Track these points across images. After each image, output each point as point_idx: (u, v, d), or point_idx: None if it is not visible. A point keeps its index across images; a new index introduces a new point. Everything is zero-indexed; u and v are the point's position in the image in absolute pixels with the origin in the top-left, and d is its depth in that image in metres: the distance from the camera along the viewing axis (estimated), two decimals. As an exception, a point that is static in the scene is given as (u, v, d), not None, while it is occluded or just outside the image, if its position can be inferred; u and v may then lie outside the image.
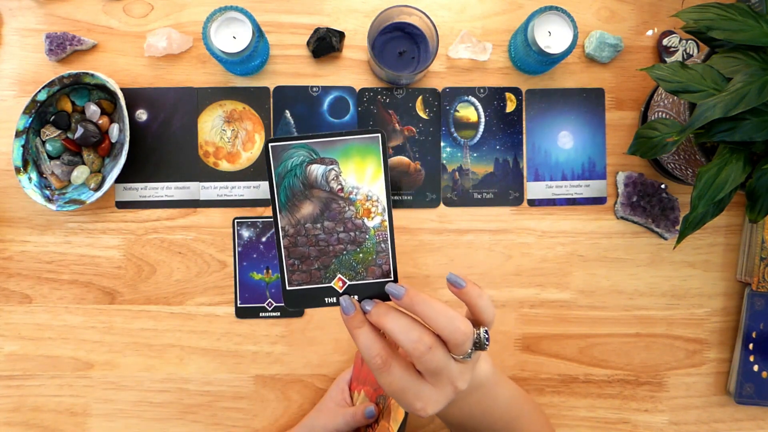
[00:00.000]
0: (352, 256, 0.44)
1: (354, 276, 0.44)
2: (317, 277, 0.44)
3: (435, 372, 0.42)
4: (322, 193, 0.43)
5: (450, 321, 0.41)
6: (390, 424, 0.61)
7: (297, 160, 0.43)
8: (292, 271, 0.44)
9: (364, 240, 0.44)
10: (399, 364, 0.43)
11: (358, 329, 0.43)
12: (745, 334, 0.74)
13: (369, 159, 0.43)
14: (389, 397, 0.65)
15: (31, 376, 0.74)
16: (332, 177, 0.43)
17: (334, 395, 0.69)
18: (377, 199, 0.44)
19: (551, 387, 0.76)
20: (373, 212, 0.44)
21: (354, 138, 0.43)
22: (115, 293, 0.74)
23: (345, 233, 0.44)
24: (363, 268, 0.44)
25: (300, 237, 0.44)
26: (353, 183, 0.43)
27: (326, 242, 0.44)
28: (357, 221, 0.44)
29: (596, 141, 0.76)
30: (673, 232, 0.75)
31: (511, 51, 0.75)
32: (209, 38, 0.67)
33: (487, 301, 0.44)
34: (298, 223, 0.44)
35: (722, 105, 0.52)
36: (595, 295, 0.76)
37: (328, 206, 0.44)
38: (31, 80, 0.74)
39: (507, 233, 0.76)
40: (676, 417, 0.76)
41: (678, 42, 0.75)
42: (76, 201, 0.71)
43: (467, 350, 0.42)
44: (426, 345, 0.41)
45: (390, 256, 0.44)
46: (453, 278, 0.43)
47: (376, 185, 0.43)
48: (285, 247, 0.44)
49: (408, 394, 0.43)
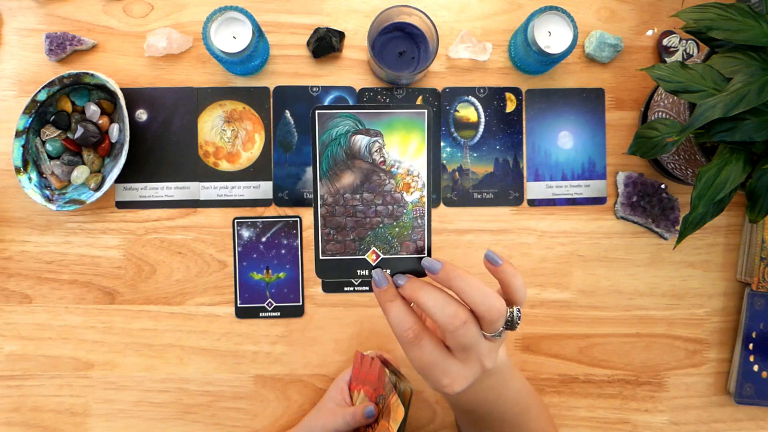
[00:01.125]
0: (388, 230, 0.44)
1: (388, 250, 0.44)
2: (351, 248, 0.44)
3: (466, 347, 0.42)
4: (364, 164, 0.43)
5: (486, 297, 0.41)
6: (390, 424, 0.61)
7: (342, 129, 0.43)
8: (327, 240, 0.44)
9: (402, 214, 0.44)
10: (430, 338, 0.43)
11: (390, 302, 0.43)
12: (745, 334, 0.74)
13: (413, 134, 0.43)
14: (389, 397, 0.65)
15: (31, 376, 0.74)
16: (376, 149, 0.43)
17: (334, 395, 0.69)
18: (418, 175, 0.43)
19: (551, 387, 0.76)
20: (412, 187, 0.44)
21: (401, 112, 0.43)
22: (115, 293, 0.74)
23: (383, 206, 0.44)
24: (398, 242, 0.44)
25: (338, 207, 0.44)
26: (396, 156, 0.43)
27: (364, 214, 0.44)
28: (396, 195, 0.44)
29: (596, 141, 0.76)
30: (673, 232, 0.75)
31: (511, 51, 0.75)
32: (209, 38, 0.67)
33: (521, 281, 0.44)
34: (337, 193, 0.43)
35: (722, 105, 0.52)
36: (595, 295, 0.76)
37: (369, 178, 0.43)
38: (31, 80, 0.74)
39: (507, 233, 0.76)
40: (676, 417, 0.76)
41: (678, 42, 0.75)
42: (76, 201, 0.71)
43: (499, 328, 0.43)
44: (461, 319, 0.41)
45: (426, 232, 0.44)
46: (491, 255, 0.43)
47: (418, 161, 0.43)
48: (322, 216, 0.43)
49: (436, 369, 0.43)
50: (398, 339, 0.43)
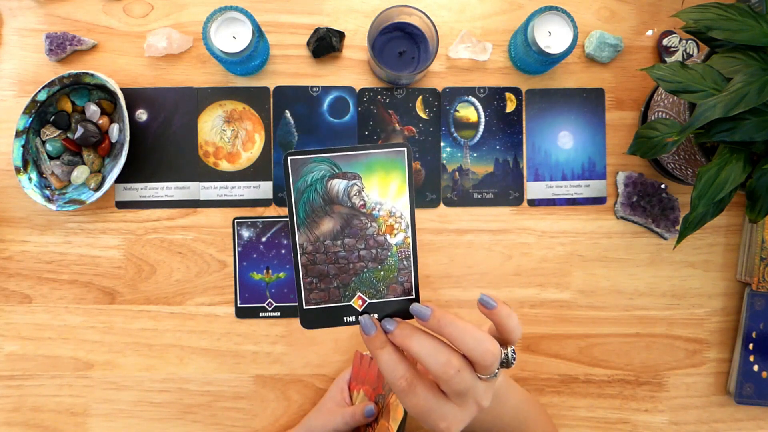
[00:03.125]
0: (373, 274, 0.43)
1: (374, 294, 0.43)
2: (336, 295, 0.42)
3: (461, 393, 0.41)
4: (343, 209, 0.42)
5: (479, 343, 0.40)
6: (389, 424, 0.61)
7: (318, 174, 0.41)
8: (310, 289, 0.42)
9: (386, 257, 0.42)
10: (423, 385, 0.42)
11: (380, 350, 0.42)
12: (745, 334, 0.74)
13: (393, 174, 0.41)
14: (388, 396, 0.65)
15: (31, 376, 0.74)
16: (354, 192, 0.42)
17: (334, 395, 0.69)
18: (401, 216, 0.42)
19: (551, 387, 0.76)
20: (396, 229, 0.42)
21: (378, 152, 0.41)
22: (115, 293, 0.74)
23: (366, 250, 0.42)
24: (384, 286, 0.43)
25: (319, 254, 0.42)
26: (376, 198, 0.42)
27: (346, 260, 0.42)
28: (379, 238, 0.42)
29: (596, 141, 0.76)
30: (673, 232, 0.75)
31: (511, 51, 0.75)
32: (209, 38, 0.67)
33: (516, 321, 0.43)
34: (317, 240, 0.42)
35: (722, 105, 0.52)
36: (595, 295, 0.76)
37: (350, 222, 0.42)
38: (31, 80, 0.74)
39: (507, 233, 0.76)
40: (676, 417, 0.76)
41: (678, 42, 0.75)
42: (76, 201, 0.71)
43: (494, 370, 0.42)
44: (455, 368, 0.40)
45: (412, 273, 0.43)
46: (485, 299, 0.43)
47: (400, 201, 0.42)
48: (303, 265, 0.42)
49: (433, 414, 0.42)
50: (392, 387, 0.42)
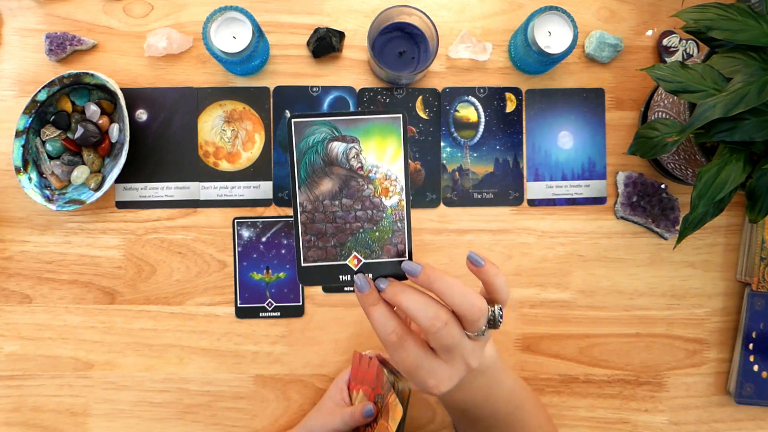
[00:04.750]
0: (369, 235, 0.44)
1: (369, 254, 0.45)
2: (333, 254, 0.44)
3: (449, 348, 0.43)
4: (341, 171, 0.44)
5: (466, 297, 0.42)
6: (388, 423, 0.61)
7: (319, 136, 0.43)
8: (308, 247, 0.44)
9: (381, 219, 0.44)
10: (413, 340, 0.43)
11: (372, 306, 0.44)
12: (745, 334, 0.74)
13: (389, 139, 0.44)
14: (387, 396, 0.65)
15: (31, 376, 0.74)
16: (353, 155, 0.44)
17: (333, 395, 0.69)
18: (395, 179, 0.44)
19: (551, 387, 0.76)
20: (391, 191, 0.44)
21: (376, 117, 0.43)
22: (115, 293, 0.74)
23: (362, 211, 0.44)
24: (378, 246, 0.45)
25: (317, 213, 0.44)
26: (373, 162, 0.44)
27: (343, 219, 0.44)
28: (375, 200, 0.44)
29: (596, 141, 0.76)
30: (673, 232, 0.75)
31: (511, 51, 0.75)
32: (209, 38, 0.67)
33: (502, 280, 0.45)
34: (316, 200, 0.44)
35: (722, 105, 0.52)
36: (595, 295, 0.76)
37: (347, 184, 0.44)
38: (31, 80, 0.74)
39: (507, 233, 0.76)
40: (676, 417, 0.76)
41: (678, 42, 0.75)
42: (76, 201, 0.71)
43: (481, 327, 0.43)
44: (442, 321, 0.42)
45: (405, 235, 0.45)
46: (473, 256, 0.44)
47: (395, 165, 0.44)
48: (302, 223, 0.44)
49: (421, 370, 0.44)
50: (382, 342, 0.44)
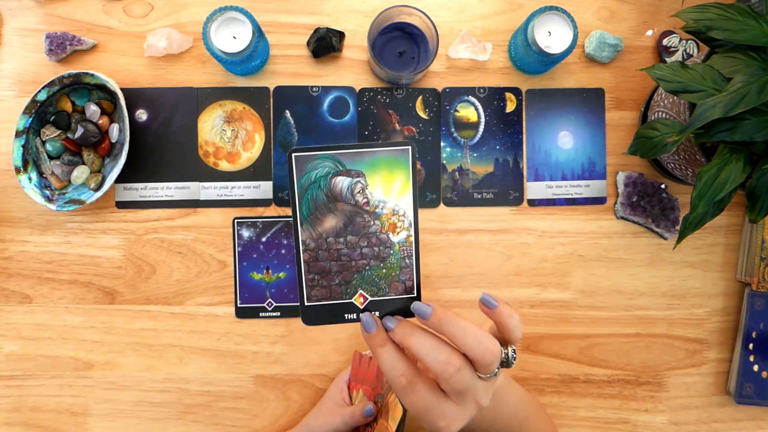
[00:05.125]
0: (375, 272, 0.43)
1: (376, 292, 0.43)
2: (338, 292, 0.43)
3: (461, 392, 0.42)
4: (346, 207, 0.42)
5: (479, 342, 0.40)
6: (388, 423, 0.61)
7: (322, 171, 0.41)
8: (312, 286, 0.42)
9: (389, 255, 0.43)
10: (423, 383, 0.42)
11: (380, 348, 0.42)
12: (745, 334, 0.74)
13: (397, 172, 0.42)
14: (387, 395, 0.65)
15: (31, 376, 0.74)
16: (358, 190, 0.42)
17: (333, 395, 0.69)
18: (404, 214, 0.42)
19: (551, 387, 0.76)
20: (399, 227, 0.42)
21: (383, 150, 0.41)
22: (115, 293, 0.74)
23: (369, 248, 0.42)
24: (386, 284, 0.43)
25: (321, 251, 0.42)
26: (380, 197, 0.42)
27: (348, 257, 0.42)
28: (382, 236, 0.42)
29: (596, 141, 0.76)
30: (673, 232, 0.75)
31: (511, 51, 0.75)
32: (209, 38, 0.67)
33: (517, 321, 0.43)
34: (319, 237, 0.42)
35: (722, 105, 0.52)
36: (595, 295, 0.76)
37: (353, 220, 0.42)
38: (31, 80, 0.74)
39: (507, 233, 0.76)
40: (676, 417, 0.76)
41: (678, 42, 0.75)
42: (76, 201, 0.71)
43: (494, 370, 0.42)
44: (455, 366, 0.40)
45: (414, 272, 0.43)
46: (487, 299, 0.43)
47: (404, 199, 0.42)
48: (305, 262, 0.42)
49: (432, 413, 0.42)
50: (391, 384, 0.42)
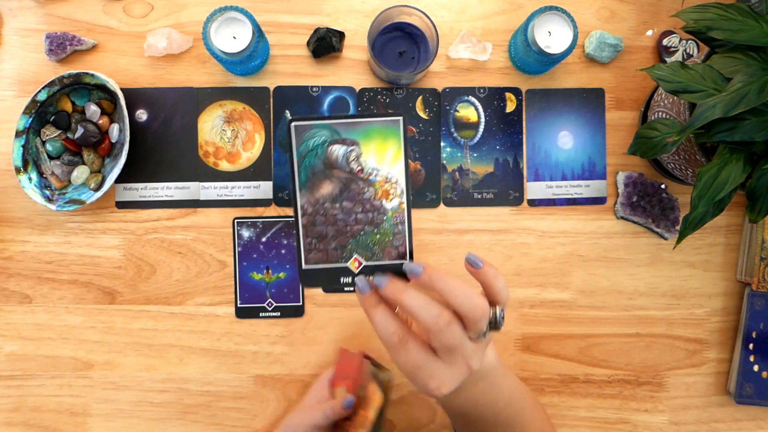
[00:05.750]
0: (369, 237, 0.44)
1: (370, 257, 0.45)
2: (334, 256, 0.45)
3: (451, 348, 0.43)
4: (342, 174, 0.44)
5: (468, 298, 0.42)
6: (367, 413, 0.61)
7: (319, 139, 0.43)
8: (309, 249, 0.44)
9: (382, 221, 0.44)
10: (415, 341, 0.44)
11: (373, 308, 0.44)
12: (745, 334, 0.74)
13: (390, 141, 0.44)
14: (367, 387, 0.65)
15: (31, 376, 0.74)
16: (353, 158, 0.44)
17: (316, 393, 0.69)
18: (396, 182, 0.44)
19: (551, 387, 0.76)
20: (391, 194, 0.44)
21: (376, 120, 0.43)
22: (115, 293, 0.74)
23: (363, 214, 0.44)
24: (379, 249, 0.45)
25: (318, 216, 0.44)
26: (373, 164, 0.44)
27: (344, 222, 0.44)
28: (375, 202, 0.44)
29: (596, 141, 0.76)
30: (673, 232, 0.75)
31: (511, 51, 0.75)
32: (209, 38, 0.67)
33: (502, 282, 0.45)
34: (317, 203, 0.44)
35: (722, 105, 0.52)
36: (595, 295, 0.76)
37: (348, 186, 0.44)
38: (31, 80, 0.74)
39: (507, 233, 0.76)
40: (676, 417, 0.76)
41: (678, 42, 0.75)
42: (76, 201, 0.71)
43: (483, 328, 0.43)
44: (445, 320, 0.42)
45: (406, 237, 0.45)
46: (472, 258, 0.45)
47: (396, 168, 0.44)
48: (303, 226, 0.44)
49: (423, 372, 0.44)
50: (384, 344, 0.44)
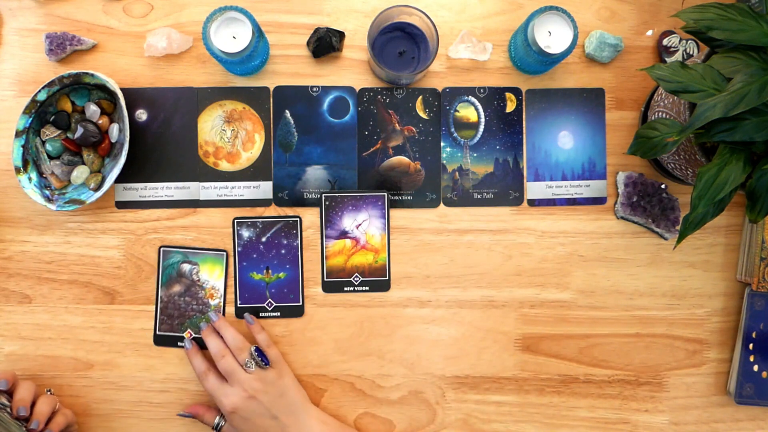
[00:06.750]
0: (198, 320, 0.73)
1: (197, 331, 0.73)
2: (176, 329, 0.73)
3: (228, 372, 0.68)
4: (186, 281, 0.73)
5: (234, 339, 0.70)
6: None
7: (174, 260, 0.73)
8: (162, 323, 0.73)
9: (207, 311, 0.73)
10: (214, 373, 0.69)
11: (193, 356, 0.71)
12: (745, 334, 0.74)
13: (216, 266, 0.73)
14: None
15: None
16: (194, 273, 0.73)
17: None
18: (217, 289, 0.74)
19: (551, 387, 0.76)
20: (214, 296, 0.74)
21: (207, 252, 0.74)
22: (115, 293, 0.74)
23: (196, 306, 0.73)
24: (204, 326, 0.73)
25: (170, 304, 0.73)
26: (205, 278, 0.73)
27: (185, 309, 0.73)
28: (205, 300, 0.74)
29: (596, 141, 0.76)
30: (673, 232, 0.75)
31: (511, 51, 0.75)
32: (209, 38, 0.67)
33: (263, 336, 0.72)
34: (169, 296, 0.73)
35: (722, 105, 0.52)
36: (595, 295, 0.76)
37: (189, 289, 0.73)
38: (31, 80, 0.74)
39: (507, 233, 0.76)
40: (676, 417, 0.76)
41: (678, 42, 0.75)
42: (76, 201, 0.71)
43: (245, 359, 0.69)
44: (221, 354, 0.69)
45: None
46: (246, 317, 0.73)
47: (219, 281, 0.74)
48: (160, 309, 0.73)
49: (218, 392, 0.68)
50: (197, 376, 0.70)
